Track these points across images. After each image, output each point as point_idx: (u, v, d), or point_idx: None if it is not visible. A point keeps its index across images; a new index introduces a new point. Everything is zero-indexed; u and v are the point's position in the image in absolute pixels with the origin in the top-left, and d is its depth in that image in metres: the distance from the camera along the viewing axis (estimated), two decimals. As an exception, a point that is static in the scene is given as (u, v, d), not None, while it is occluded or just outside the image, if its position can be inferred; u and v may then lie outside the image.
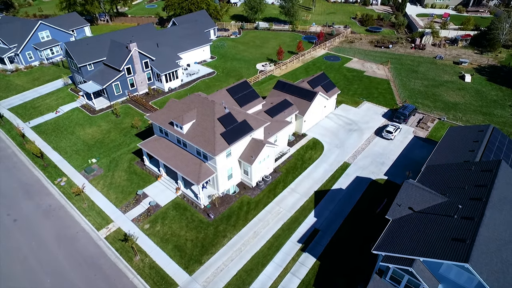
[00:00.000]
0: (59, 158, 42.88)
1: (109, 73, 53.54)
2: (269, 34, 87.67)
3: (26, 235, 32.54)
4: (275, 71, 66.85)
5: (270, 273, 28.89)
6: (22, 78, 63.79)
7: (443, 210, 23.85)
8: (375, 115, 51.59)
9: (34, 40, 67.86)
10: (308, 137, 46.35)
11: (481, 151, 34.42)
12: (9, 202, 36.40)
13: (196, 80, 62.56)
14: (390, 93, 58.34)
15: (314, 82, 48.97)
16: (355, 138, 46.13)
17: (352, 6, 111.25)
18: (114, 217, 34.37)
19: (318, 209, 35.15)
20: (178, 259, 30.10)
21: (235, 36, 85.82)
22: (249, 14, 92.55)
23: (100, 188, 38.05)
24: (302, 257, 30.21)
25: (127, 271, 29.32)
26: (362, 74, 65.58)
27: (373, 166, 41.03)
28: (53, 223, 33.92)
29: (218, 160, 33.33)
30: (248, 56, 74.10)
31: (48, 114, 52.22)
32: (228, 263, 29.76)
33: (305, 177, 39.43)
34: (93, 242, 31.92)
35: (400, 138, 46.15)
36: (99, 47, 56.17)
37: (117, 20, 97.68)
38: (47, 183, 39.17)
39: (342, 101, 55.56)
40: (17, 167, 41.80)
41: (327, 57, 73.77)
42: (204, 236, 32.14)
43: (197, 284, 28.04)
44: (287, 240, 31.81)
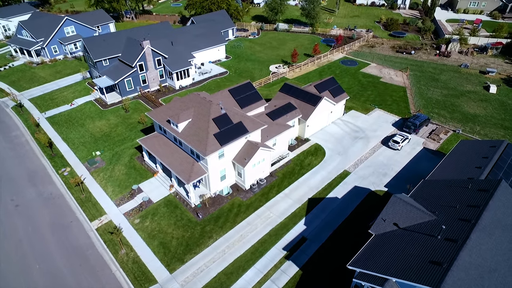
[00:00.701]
0: (66, 149, 44.68)
1: (122, 69, 55.15)
2: (287, 35, 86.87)
3: (24, 220, 34.12)
4: (288, 73, 66.09)
5: (249, 278, 28.47)
6: (46, 71, 67.14)
7: (428, 229, 22.43)
8: (385, 124, 49.63)
9: (59, 34, 71.23)
10: (311, 143, 45.36)
11: (488, 169, 32.16)
12: (15, 188, 38.35)
13: (208, 79, 63.08)
14: (404, 101, 55.94)
15: (321, 86, 47.88)
16: (359, 146, 44.60)
17: (378, 10, 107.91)
18: (108, 210, 35.29)
19: (309, 217, 34.26)
20: (162, 256, 30.39)
21: (254, 36, 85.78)
22: (269, 15, 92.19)
23: (99, 180, 39.23)
24: (285, 265, 29.54)
25: (111, 263, 29.98)
26: (378, 80, 63.39)
27: (374, 177, 39.46)
28: (50, 210, 35.36)
29: (210, 161, 33.33)
30: (263, 57, 73.77)
31: (64, 106, 54.60)
32: (209, 264, 29.67)
33: (301, 183, 38.59)
34: (84, 233, 32.93)
35: (408, 149, 44.09)
36: (115, 44, 58.00)
37: (142, 17, 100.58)
38: (52, 172, 40.92)
39: (352, 107, 53.95)
40: (28, 154, 43.98)
41: (344, 61, 71.96)
42: (190, 235, 32.26)
43: (175, 283, 28.16)
44: (273, 246, 31.23)
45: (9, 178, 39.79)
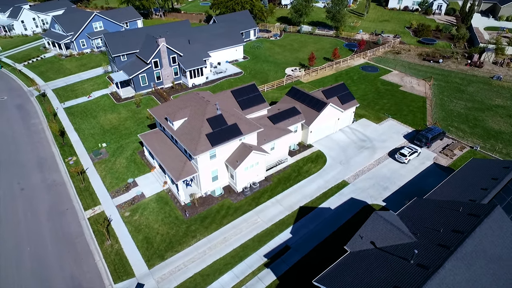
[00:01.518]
0: (76, 139, 46.76)
1: (138, 65, 56.83)
2: (310, 38, 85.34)
3: (26, 204, 36.08)
4: (304, 77, 64.87)
5: (225, 282, 28.16)
6: (73, 63, 70.80)
7: (404, 252, 20.91)
8: (396, 135, 47.22)
9: (88, 29, 74.81)
10: (313, 149, 44.14)
11: (495, 191, 29.53)
12: (24, 173, 40.70)
13: (222, 78, 63.42)
14: (422, 112, 52.93)
15: (329, 92, 46.48)
16: (364, 157, 42.75)
17: (410, 15, 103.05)
18: (103, 200, 36.44)
19: (297, 225, 33.31)
20: (144, 251, 30.87)
21: (275, 38, 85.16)
22: (293, 17, 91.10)
23: (100, 171, 40.63)
24: (263, 273, 28.91)
25: (96, 253, 30.90)
26: (397, 89, 60.50)
27: (373, 190, 37.63)
28: (51, 197, 37.13)
29: (200, 160, 33.38)
30: (281, 59, 72.99)
31: (82, 98, 57.25)
32: (188, 264, 29.70)
33: (295, 190, 37.63)
34: (77, 221, 34.23)
35: (416, 163, 41.62)
36: (134, 40, 59.90)
37: (169, 15, 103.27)
38: (59, 160, 42.98)
39: (364, 115, 51.89)
40: (41, 142, 46.52)
41: (364, 67, 69.44)
42: (174, 232, 32.50)
43: (152, 279, 28.47)
44: (254, 252, 30.68)
45: (20, 163, 42.32)
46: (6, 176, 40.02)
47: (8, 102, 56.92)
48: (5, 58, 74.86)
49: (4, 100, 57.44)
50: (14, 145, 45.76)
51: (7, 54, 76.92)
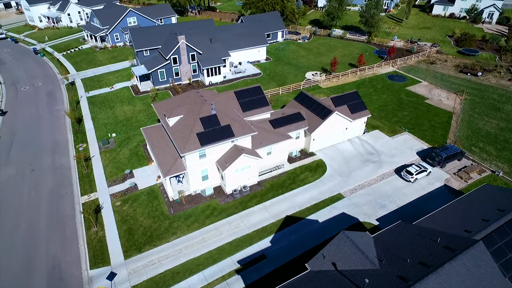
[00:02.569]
0: (91, 127, 49.38)
1: (158, 61, 58.68)
2: (339, 42, 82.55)
3: (32, 184, 38.77)
4: (323, 82, 62.89)
5: (193, 283, 28.08)
6: (105, 55, 74.96)
7: (359, 279, 19.34)
8: (408, 150, 44.09)
9: (122, 24, 78.70)
10: (315, 158, 42.60)
11: (497, 225, 26.29)
12: (37, 154, 43.79)
13: (240, 79, 63.48)
14: (444, 129, 48.91)
15: (339, 100, 44.57)
16: (367, 171, 40.42)
17: (455, 23, 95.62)
18: (99, 188, 38.09)
19: (279, 235, 32.32)
20: (124, 241, 31.75)
21: (303, 40, 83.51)
22: (325, 20, 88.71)
23: (104, 160, 42.52)
24: (232, 279, 28.42)
25: (81, 238, 32.35)
26: (422, 101, 56.49)
27: (368, 206, 35.42)
28: (55, 179, 39.55)
29: (188, 158, 33.60)
30: (304, 62, 71.42)
31: (105, 88, 60.39)
32: (162, 259, 30.04)
33: (286, 198, 36.54)
34: (72, 205, 36.11)
35: (424, 183, 38.52)
36: (158, 36, 61.93)
37: (204, 13, 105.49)
38: (71, 145, 45.68)
39: (377, 126, 49.09)
40: (60, 127, 49.74)
41: (391, 76, 65.74)
42: (157, 227, 33.06)
43: (125, 270, 29.19)
44: (229, 256, 30.26)
45: (37, 145, 45.58)
46: (22, 157, 43.32)
47: (41, 88, 61.65)
48: (49, 47, 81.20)
49: (38, 86, 62.29)
50: (36, 128, 49.43)
51: (51, 44, 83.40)
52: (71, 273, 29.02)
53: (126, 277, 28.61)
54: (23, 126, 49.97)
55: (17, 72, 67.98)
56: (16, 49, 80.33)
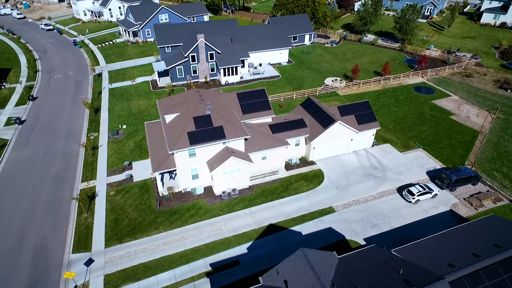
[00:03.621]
0: (105, 118, 51.87)
1: (177, 57, 60.13)
2: (368, 49, 78.99)
3: (41, 167, 41.49)
4: (342, 89, 60.54)
5: (161, 280, 28.34)
6: (134, 50, 78.40)
7: (304, 301, 18.25)
8: (418, 168, 41.03)
9: (154, 20, 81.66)
10: (314, 167, 41.13)
11: (486, 263, 23.63)
12: (53, 139, 46.81)
13: (256, 80, 63.12)
14: (465, 149, 44.87)
15: (346, 109, 42.62)
16: (367, 186, 38.22)
17: (506, 33, 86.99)
18: (99, 176, 39.85)
19: (257, 242, 31.61)
20: (108, 230, 32.90)
21: (331, 45, 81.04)
22: (357, 24, 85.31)
23: (109, 150, 44.42)
24: (200, 281, 28.28)
25: (71, 222, 34.03)
26: (447, 117, 52.31)
27: (359, 224, 33.45)
28: (62, 164, 42.02)
29: (177, 156, 34.00)
30: (327, 67, 69.28)
31: (127, 81, 63.13)
32: (139, 252, 30.69)
33: (274, 206, 35.65)
34: (71, 190, 38.13)
35: (426, 206, 35.60)
36: (181, 34, 63.43)
37: (237, 13, 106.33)
38: (84, 133, 48.28)
39: (390, 140, 46.26)
40: (78, 115, 52.78)
41: (419, 87, 61.64)
42: (141, 220, 33.85)
43: (102, 258, 30.21)
44: (203, 258, 30.16)
45: (54, 130, 48.77)
46: (39, 140, 46.58)
47: (71, 77, 65.93)
48: (87, 39, 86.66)
49: (69, 75, 66.68)
50: (57, 115, 52.93)
51: (90, 36, 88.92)
52: (55, 254, 30.64)
53: (102, 265, 29.62)
54: (47, 111, 53.74)
55: (55, 61, 73.34)
56: (59, 40, 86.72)
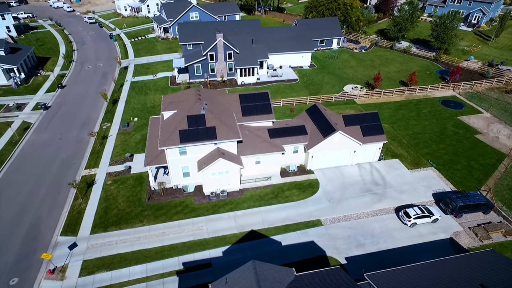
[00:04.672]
0: (121, 109, 54.20)
1: (197, 55, 61.15)
2: (400, 57, 74.67)
3: (52, 151, 44.24)
4: (360, 98, 57.84)
5: (133, 272, 28.90)
6: (163, 45, 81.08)
7: (238, 316, 17.58)
8: (423, 189, 38.03)
9: (185, 18, 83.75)
10: (311, 176, 39.71)
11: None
12: (69, 126, 49.79)
13: (273, 82, 62.35)
14: (484, 173, 40.84)
15: (351, 119, 40.63)
16: (362, 202, 36.13)
17: None
18: (101, 165, 41.69)
19: (234, 247, 31.17)
20: (97, 218, 34.26)
21: (360, 50, 77.77)
22: (391, 31, 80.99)
23: (117, 141, 46.30)
24: (170, 278, 28.48)
25: (66, 206, 35.87)
26: (471, 135, 47.95)
27: (344, 242, 31.70)
28: (71, 150, 44.50)
29: (168, 153, 34.52)
30: (349, 74, 66.61)
31: (149, 76, 65.46)
32: (120, 243, 31.60)
33: (260, 212, 34.92)
34: (74, 175, 40.17)
35: (424, 231, 32.86)
36: (203, 32, 64.41)
37: (270, 14, 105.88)
38: (98, 123, 50.81)
39: (400, 155, 43.38)
40: (97, 105, 55.68)
41: (446, 101, 57.19)
42: (128, 212, 34.86)
43: (85, 244, 31.53)
44: (177, 256, 30.36)
45: (73, 118, 51.88)
46: (58, 126, 49.80)
47: (100, 69, 69.80)
48: (123, 33, 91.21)
49: (99, 67, 70.65)
50: (79, 103, 56.28)
51: (126, 31, 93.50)
52: (45, 235, 32.55)
53: (84, 250, 30.93)
54: (71, 99, 57.35)
55: (89, 53, 78.11)
56: (98, 33, 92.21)
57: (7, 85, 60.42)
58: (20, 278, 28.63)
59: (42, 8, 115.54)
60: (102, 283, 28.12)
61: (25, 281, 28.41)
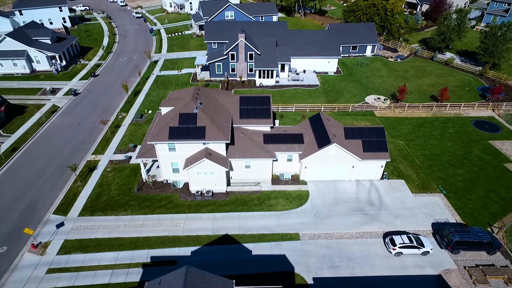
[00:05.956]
0: (140, 101, 56.83)
1: (219, 54, 61.90)
2: (438, 69, 68.64)
3: (69, 135, 47.73)
4: (381, 110, 54.20)
5: (104, 258, 30.12)
6: (196, 42, 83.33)
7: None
8: (423, 216, 34.64)
9: (220, 16, 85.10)
10: (302, 187, 38.19)
11: None
12: (90, 113, 53.35)
13: (292, 86, 60.97)
14: (503, 208, 36.12)
15: (352, 132, 38.27)
16: (349, 222, 33.89)
17: None
18: (107, 153, 44.09)
19: (204, 249, 31.09)
20: (88, 201, 36.32)
21: (396, 60, 72.88)
22: (434, 41, 74.66)
23: (127, 131, 48.62)
24: (135, 270, 29.24)
25: (65, 187, 38.47)
26: (500, 163, 42.65)
27: (316, 261, 30.01)
28: (85, 136, 47.63)
29: (157, 148, 35.42)
30: (376, 84, 62.82)
31: (174, 71, 67.78)
32: (101, 228, 33.16)
33: (239, 217, 34.38)
34: (81, 159, 43.05)
35: (410, 262, 29.94)
36: (229, 31, 64.87)
37: (310, 16, 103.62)
38: (116, 112, 53.79)
39: (407, 176, 40.00)
40: (120, 95, 58.89)
41: (481, 122, 51.47)
42: (117, 200, 36.44)
43: (70, 224, 33.54)
44: (148, 249, 31.07)
45: (95, 105, 55.54)
46: (80, 112, 53.66)
47: (133, 61, 73.79)
48: (163, 29, 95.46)
49: (132, 59, 74.76)
50: (105, 92, 60.06)
51: (166, 26, 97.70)
52: (40, 211, 35.29)
53: (68, 230, 32.98)
54: (99, 88, 61.44)
55: (128, 45, 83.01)
56: (141, 27, 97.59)
57: (49, 71, 66.49)
58: (8, 247, 31.41)
59: (99, 2, 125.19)
60: (74, 264, 29.78)
61: (12, 251, 31.09)
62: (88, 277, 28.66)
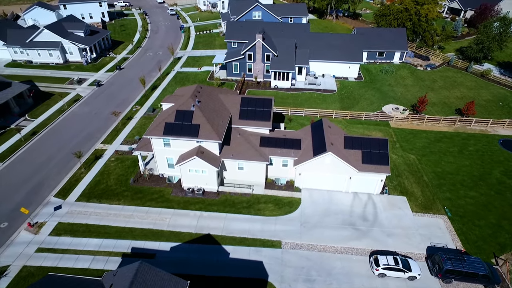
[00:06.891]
0: (156, 96, 58.60)
1: (236, 54, 62.06)
2: (471, 81, 63.50)
3: (84, 123, 50.35)
4: (397, 121, 51.18)
5: (89, 243, 31.35)
6: (221, 41, 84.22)
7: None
8: (419, 238, 32.21)
9: (247, 16, 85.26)
10: (295, 194, 37.15)
11: None
12: (108, 104, 55.87)
13: (307, 90, 59.60)
14: (515, 237, 32.57)
15: (353, 142, 36.56)
16: (337, 235, 32.40)
17: None
18: (115, 143, 45.95)
19: (184, 246, 31.29)
20: (87, 188, 38.06)
21: (425, 68, 68.56)
22: (471, 50, 69.16)
23: (137, 123, 50.33)
24: (114, 258, 30.07)
25: (70, 173, 40.62)
26: (521, 189, 38.51)
27: (294, 273, 28.98)
28: (98, 125, 49.95)
29: (153, 142, 36.24)
30: (397, 93, 59.50)
31: (194, 68, 69.09)
32: (93, 215, 34.57)
33: (225, 218, 34.16)
34: (89, 147, 45.24)
35: (394, 286, 28.01)
36: (250, 31, 64.68)
37: (341, 19, 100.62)
38: (131, 105, 55.89)
39: (411, 193, 37.48)
40: (139, 89, 61.03)
41: (510, 142, 46.84)
42: (113, 189, 37.81)
43: (67, 208, 35.32)
44: (131, 240, 31.86)
45: (114, 97, 58.11)
46: (99, 102, 56.44)
47: (158, 57, 76.24)
48: (193, 26, 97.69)
49: (158, 55, 77.27)
50: (126, 85, 62.61)
51: (197, 24, 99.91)
52: (43, 193, 37.59)
53: (63, 214, 34.82)
54: (122, 81, 64.21)
55: (157, 41, 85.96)
56: (173, 24, 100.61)
57: (80, 62, 70.71)
58: (9, 224, 33.79)
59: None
60: (61, 246, 31.32)
61: (11, 228, 33.39)
62: (71, 260, 30.00)
